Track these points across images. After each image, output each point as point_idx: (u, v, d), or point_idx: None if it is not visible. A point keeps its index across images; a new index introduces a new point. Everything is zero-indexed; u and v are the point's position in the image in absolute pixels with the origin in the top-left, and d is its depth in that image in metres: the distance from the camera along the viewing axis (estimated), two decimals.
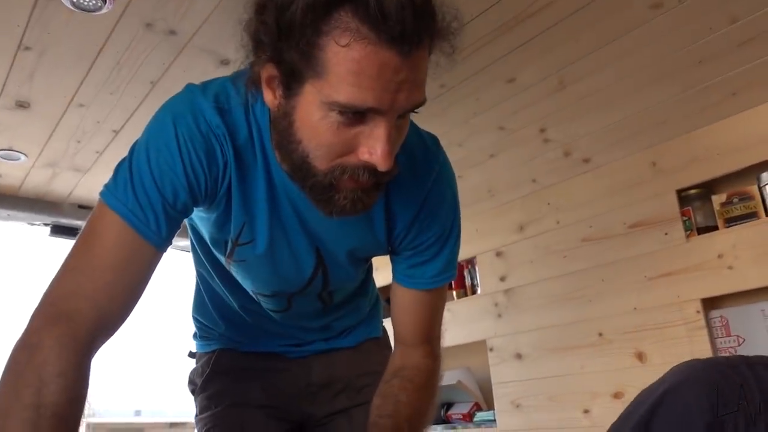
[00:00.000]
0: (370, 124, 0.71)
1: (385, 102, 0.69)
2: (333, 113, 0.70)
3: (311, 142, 0.74)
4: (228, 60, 1.73)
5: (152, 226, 0.80)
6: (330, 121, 0.71)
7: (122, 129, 2.11)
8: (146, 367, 3.63)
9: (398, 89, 0.69)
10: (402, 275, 1.00)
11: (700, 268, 1.97)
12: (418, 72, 0.70)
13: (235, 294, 1.09)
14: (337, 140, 0.72)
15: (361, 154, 0.72)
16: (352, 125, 0.71)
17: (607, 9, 1.61)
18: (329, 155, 0.74)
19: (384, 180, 0.77)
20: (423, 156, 0.94)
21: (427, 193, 0.94)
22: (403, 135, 0.78)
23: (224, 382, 1.16)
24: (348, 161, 0.74)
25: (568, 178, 2.40)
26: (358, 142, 0.72)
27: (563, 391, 2.30)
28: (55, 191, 2.64)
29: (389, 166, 0.72)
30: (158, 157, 0.80)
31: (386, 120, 0.70)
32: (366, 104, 0.68)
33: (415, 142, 0.94)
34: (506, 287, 2.59)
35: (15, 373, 0.71)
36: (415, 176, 0.93)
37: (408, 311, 1.01)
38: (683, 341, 1.97)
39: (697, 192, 2.06)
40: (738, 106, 1.92)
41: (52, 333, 0.73)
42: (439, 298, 1.04)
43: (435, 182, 0.94)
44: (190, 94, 0.85)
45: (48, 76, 1.78)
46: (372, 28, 0.65)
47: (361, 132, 0.72)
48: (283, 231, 0.92)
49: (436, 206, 0.95)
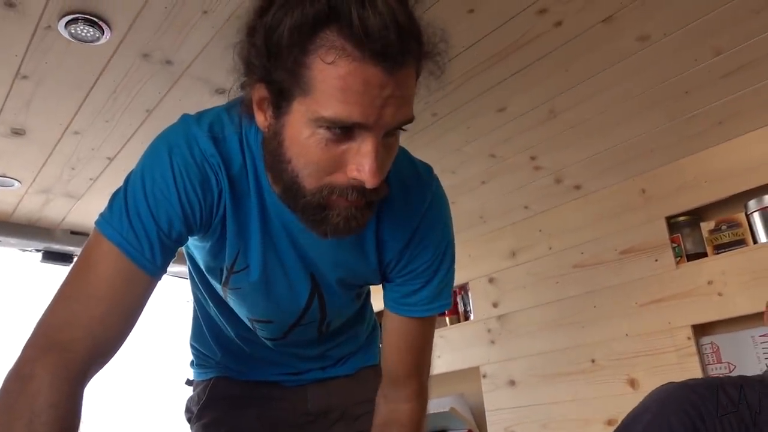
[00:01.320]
0: (358, 140, 0.72)
1: (371, 117, 0.70)
2: (320, 130, 0.71)
3: (300, 160, 0.75)
4: (223, 89, 1.76)
5: (147, 254, 0.80)
6: (318, 139, 0.72)
7: (117, 156, 2.12)
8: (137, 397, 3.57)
9: (384, 105, 0.70)
10: (393, 302, 1.00)
11: (690, 295, 1.99)
12: (404, 88, 0.72)
13: (232, 322, 1.09)
14: (325, 157, 0.73)
15: (350, 171, 0.73)
16: (339, 142, 0.72)
17: (595, 41, 1.65)
18: (318, 173, 0.75)
19: (374, 198, 0.78)
20: (416, 184, 0.95)
21: (419, 221, 0.95)
22: (392, 154, 0.79)
23: (220, 411, 1.16)
24: (336, 180, 0.75)
25: (560, 204, 2.43)
26: (346, 159, 0.73)
27: (556, 419, 2.30)
28: (48, 217, 2.64)
29: (377, 183, 0.73)
30: (153, 186, 0.81)
31: (373, 136, 0.71)
32: (352, 119, 0.69)
33: (408, 170, 0.95)
34: (499, 313, 2.60)
35: (7, 404, 0.71)
36: (408, 204, 0.94)
37: (398, 340, 1.01)
38: (674, 368, 1.97)
39: (686, 219, 2.09)
40: (724, 134, 1.96)
41: (45, 363, 0.73)
42: (430, 329, 1.03)
43: (428, 210, 0.95)
44: (185, 125, 0.86)
45: (44, 104, 1.79)
46: (356, 45, 0.67)
47: (349, 149, 0.72)
48: (277, 257, 0.93)
49: (428, 234, 0.95)
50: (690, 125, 1.96)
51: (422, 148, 2.11)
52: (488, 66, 1.74)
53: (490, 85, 1.84)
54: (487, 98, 1.90)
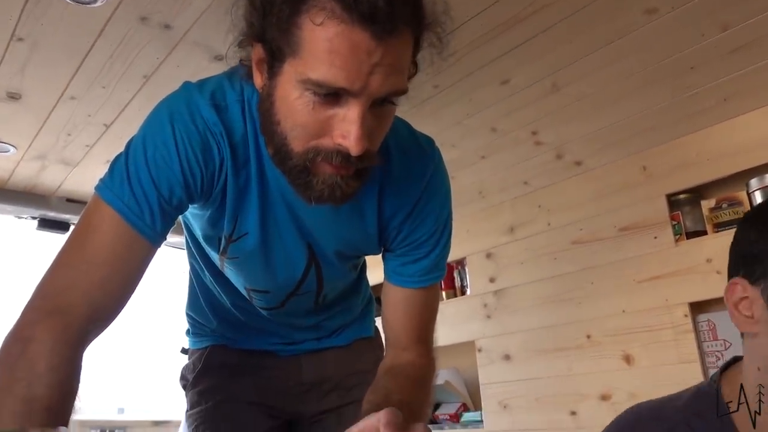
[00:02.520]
0: (345, 107, 0.71)
1: (357, 83, 0.69)
2: (308, 93, 0.71)
3: (288, 121, 0.75)
4: (222, 56, 1.73)
5: (147, 220, 0.80)
6: (305, 101, 0.72)
7: (113, 123, 2.09)
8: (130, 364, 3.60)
9: (371, 72, 0.69)
10: (393, 273, 0.99)
11: (688, 272, 1.99)
12: (394, 57, 0.70)
13: (228, 292, 1.09)
14: (312, 120, 0.73)
15: (335, 137, 0.73)
16: (326, 106, 0.72)
17: (601, 13, 1.62)
18: (304, 136, 0.74)
19: (362, 167, 0.77)
20: (418, 155, 0.95)
21: (421, 192, 0.94)
22: (383, 125, 0.78)
23: (215, 379, 1.16)
24: (322, 144, 0.74)
25: (560, 180, 2.41)
26: (332, 125, 0.73)
27: (551, 393, 2.32)
28: (44, 184, 2.62)
29: (361, 151, 0.72)
30: (155, 153, 0.81)
31: (360, 103, 0.70)
32: (337, 83, 0.69)
33: (409, 142, 0.95)
34: (496, 288, 2.60)
35: (7, 366, 0.71)
36: (409, 175, 0.93)
37: (399, 310, 1.00)
38: (670, 344, 1.99)
39: (686, 197, 2.08)
40: (728, 112, 1.95)
41: (45, 326, 0.73)
42: (431, 298, 1.03)
43: (429, 181, 0.95)
44: (186, 92, 0.85)
45: (40, 69, 1.76)
46: (345, 8, 0.66)
47: (336, 115, 0.72)
48: (275, 226, 0.92)
49: (429, 204, 0.95)
50: (694, 102, 1.94)
51: (423, 120, 2.08)
52: (492, 37, 1.72)
53: (494, 56, 1.81)
54: (491, 70, 1.87)
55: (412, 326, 1.00)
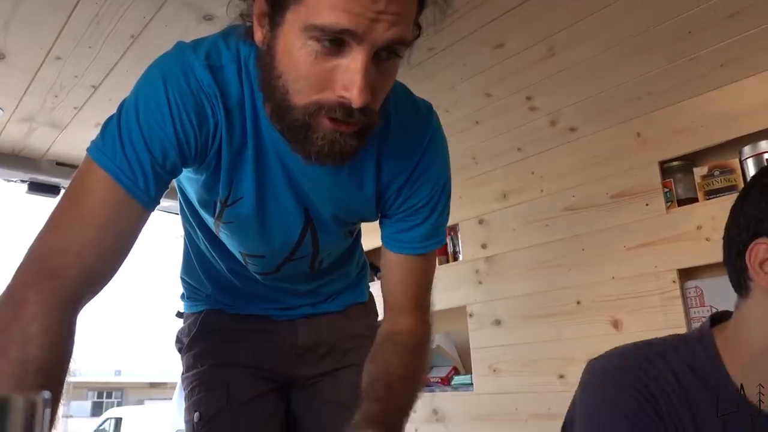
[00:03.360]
0: (348, 57, 0.70)
1: (361, 26, 0.68)
2: (311, 41, 0.70)
3: (290, 73, 0.74)
4: (211, 15, 1.69)
5: (140, 184, 0.79)
6: (308, 51, 0.71)
7: (101, 85, 2.06)
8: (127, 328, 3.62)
9: (376, 18, 0.68)
10: (391, 240, 0.99)
11: (678, 239, 1.99)
12: (400, 5, 0.70)
13: (223, 257, 1.09)
14: (314, 71, 0.72)
15: (338, 89, 0.72)
16: (329, 56, 0.71)
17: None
18: (306, 89, 0.73)
19: (363, 122, 0.76)
20: (416, 119, 0.94)
21: (420, 157, 0.94)
22: (387, 80, 0.77)
23: (211, 342, 1.17)
24: (325, 97, 0.73)
25: (554, 147, 2.40)
26: (335, 77, 0.72)
27: (540, 357, 2.35)
28: (33, 147, 2.59)
29: (364, 102, 0.71)
30: (148, 115, 0.79)
31: (363, 51, 0.70)
32: (340, 25, 0.68)
33: (408, 106, 0.94)
34: (487, 254, 2.61)
35: (0, 328, 0.70)
36: (408, 139, 0.93)
37: (397, 277, 1.01)
38: (658, 310, 2.01)
39: (679, 164, 2.07)
40: (725, 78, 1.92)
41: (38, 288, 0.72)
42: (429, 265, 1.03)
43: (428, 146, 0.95)
44: (180, 52, 0.83)
45: (24, 26, 1.72)
46: None
47: (338, 66, 0.71)
48: (271, 191, 0.92)
49: (428, 170, 0.95)
50: (690, 68, 1.92)
51: (416, 84, 2.04)
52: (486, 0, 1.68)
53: (489, 19, 1.78)
54: (485, 33, 1.85)
55: (411, 292, 1.01)
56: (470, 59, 1.98)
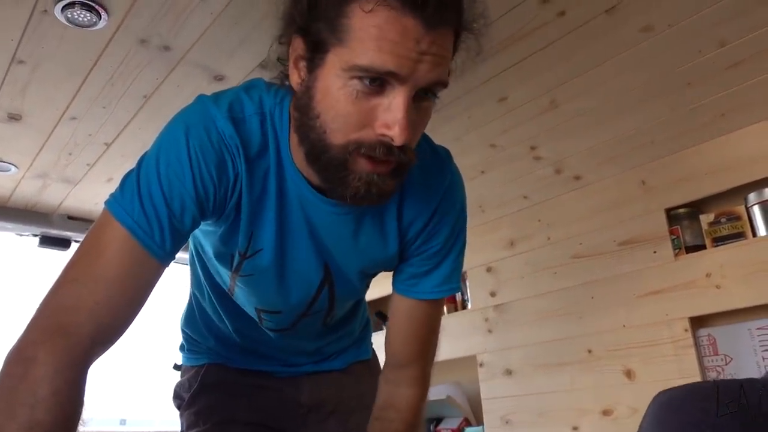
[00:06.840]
0: (389, 96, 0.71)
1: (405, 67, 0.69)
2: (353, 81, 0.71)
3: (329, 113, 0.74)
4: (222, 76, 1.74)
5: (157, 239, 0.78)
6: (349, 90, 0.71)
7: (114, 142, 2.10)
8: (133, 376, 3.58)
9: (419, 60, 0.69)
10: (403, 285, 0.99)
11: (688, 287, 1.98)
12: (440, 47, 0.71)
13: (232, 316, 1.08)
14: (355, 110, 0.72)
15: (378, 127, 0.72)
16: (370, 95, 0.71)
17: (598, 31, 1.63)
18: (346, 127, 0.73)
19: (401, 162, 0.76)
20: (436, 165, 0.95)
21: (439, 202, 0.94)
22: (423, 120, 0.78)
23: (212, 398, 1.14)
24: (365, 135, 0.73)
25: (559, 195, 2.42)
26: (376, 115, 0.72)
27: (552, 408, 2.31)
28: (45, 202, 2.63)
29: (405, 140, 0.71)
30: (168, 169, 0.79)
31: (405, 91, 0.70)
32: (386, 67, 0.69)
33: (428, 152, 0.95)
34: (496, 303, 2.60)
35: (9, 388, 0.69)
36: (428, 185, 0.93)
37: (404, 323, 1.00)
38: (671, 359, 1.98)
39: (685, 211, 2.08)
40: (726, 127, 1.95)
41: (48, 347, 0.71)
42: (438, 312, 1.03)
43: (447, 190, 0.95)
44: (202, 105, 0.84)
45: (41, 90, 1.77)
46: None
47: (380, 104, 0.72)
48: (292, 243, 0.91)
49: (446, 214, 0.95)
50: (692, 117, 1.95)
51: None
52: (491, 55, 1.73)
53: (492, 74, 1.82)
54: (489, 87, 1.88)
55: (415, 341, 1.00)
56: (474, 112, 2.02)
